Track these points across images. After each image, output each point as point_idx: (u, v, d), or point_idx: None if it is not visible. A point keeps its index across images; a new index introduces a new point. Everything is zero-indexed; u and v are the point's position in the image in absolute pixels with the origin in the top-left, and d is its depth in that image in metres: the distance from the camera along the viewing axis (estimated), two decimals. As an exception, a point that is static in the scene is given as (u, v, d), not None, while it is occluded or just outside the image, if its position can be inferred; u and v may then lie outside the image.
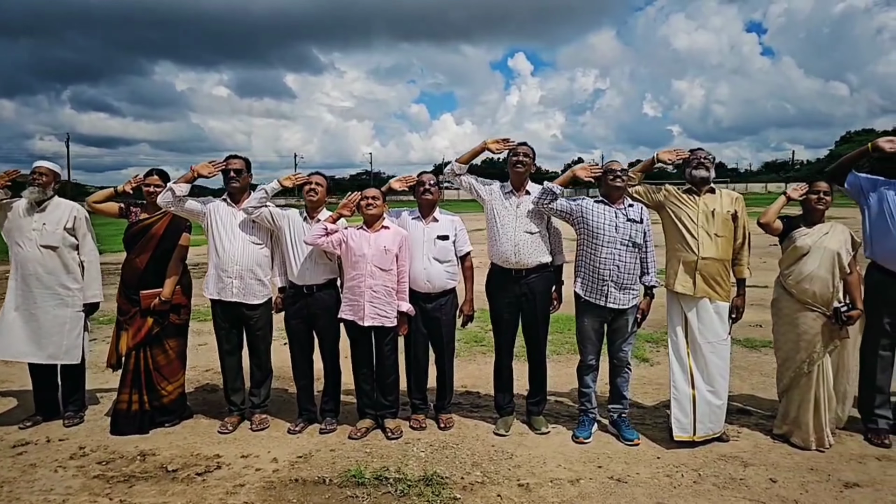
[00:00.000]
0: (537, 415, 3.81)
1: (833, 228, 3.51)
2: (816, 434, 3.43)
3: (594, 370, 3.69)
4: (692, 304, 3.50)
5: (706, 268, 3.44)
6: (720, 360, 3.50)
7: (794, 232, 3.55)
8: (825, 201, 3.49)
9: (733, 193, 3.59)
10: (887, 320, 3.52)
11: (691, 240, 3.47)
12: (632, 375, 3.77)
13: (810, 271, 3.45)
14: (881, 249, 3.50)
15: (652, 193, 3.65)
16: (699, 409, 3.47)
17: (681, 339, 3.55)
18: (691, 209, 3.51)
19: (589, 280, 3.54)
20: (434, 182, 3.77)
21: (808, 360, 3.47)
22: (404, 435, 3.71)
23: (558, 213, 3.58)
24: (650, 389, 4.59)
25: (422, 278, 3.70)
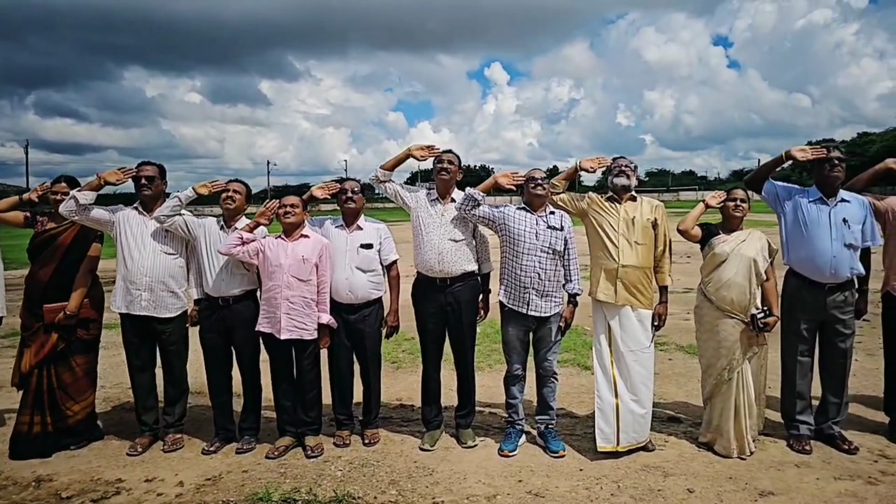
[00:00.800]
0: (465, 428, 3.72)
1: (750, 236, 3.55)
2: (738, 442, 3.43)
3: (520, 380, 3.62)
4: (614, 312, 3.48)
5: (627, 275, 3.43)
6: (643, 369, 3.48)
7: (714, 239, 3.57)
8: (742, 209, 3.53)
9: (654, 201, 3.60)
10: (804, 326, 3.56)
11: (612, 247, 3.46)
12: (573, 384, 3.72)
13: (728, 278, 3.47)
14: (796, 256, 3.54)
15: (576, 201, 3.63)
16: (622, 419, 3.43)
17: (604, 347, 3.51)
18: (612, 217, 3.50)
19: (511, 288, 3.49)
20: (357, 189, 3.67)
21: (728, 368, 3.48)
22: (325, 453, 3.57)
23: (481, 219, 3.53)
24: (587, 398, 4.54)
25: (344, 289, 3.58)
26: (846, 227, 3.41)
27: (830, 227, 3.43)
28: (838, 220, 3.43)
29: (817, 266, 3.46)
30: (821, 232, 3.45)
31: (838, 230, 3.42)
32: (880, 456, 3.42)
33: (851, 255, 3.43)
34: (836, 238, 3.42)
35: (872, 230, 3.53)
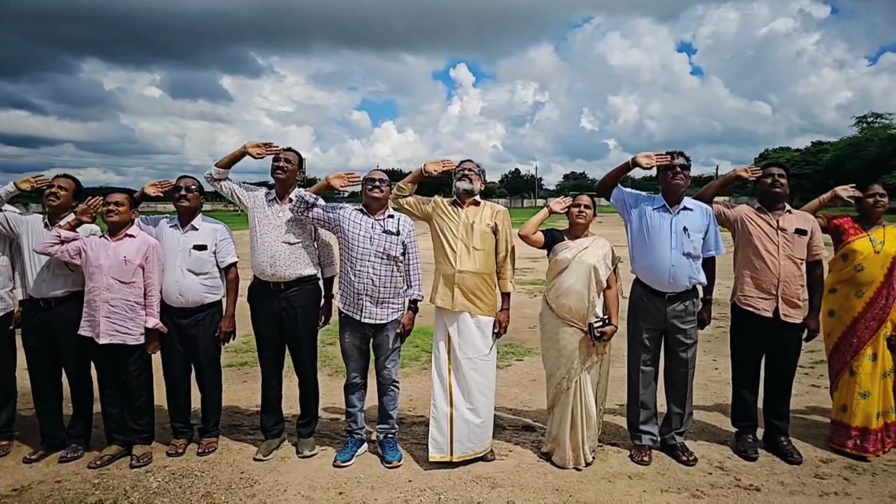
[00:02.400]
0: (305, 437, 3.59)
1: (594, 243, 3.48)
2: (574, 452, 3.37)
3: (359, 388, 3.51)
4: (453, 319, 3.38)
5: (464, 281, 3.33)
6: (481, 377, 3.39)
7: (557, 245, 3.50)
8: (585, 215, 3.45)
9: (497, 206, 3.51)
10: (646, 335, 3.51)
11: (450, 252, 3.36)
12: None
13: (568, 286, 3.39)
14: (640, 264, 3.50)
15: (422, 205, 3.52)
16: (457, 429, 3.34)
17: (442, 354, 3.42)
18: (452, 222, 3.40)
19: (346, 293, 3.37)
20: (193, 187, 3.51)
21: (567, 377, 3.41)
22: (154, 462, 3.41)
23: (316, 221, 3.40)
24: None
25: (174, 292, 3.42)
26: (686, 236, 3.37)
27: (671, 235, 3.39)
28: (679, 228, 3.39)
29: (657, 274, 3.41)
30: (661, 240, 3.40)
31: (678, 239, 3.37)
32: (717, 468, 3.39)
33: (691, 265, 3.38)
34: (675, 247, 3.37)
35: (716, 239, 3.50)
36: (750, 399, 3.64)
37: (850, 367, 3.59)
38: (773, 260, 3.44)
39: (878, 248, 3.55)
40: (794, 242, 3.45)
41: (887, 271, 3.52)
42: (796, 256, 3.45)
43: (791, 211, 3.56)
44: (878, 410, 3.52)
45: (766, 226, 3.51)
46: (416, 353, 5.81)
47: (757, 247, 3.49)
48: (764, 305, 3.47)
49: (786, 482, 3.22)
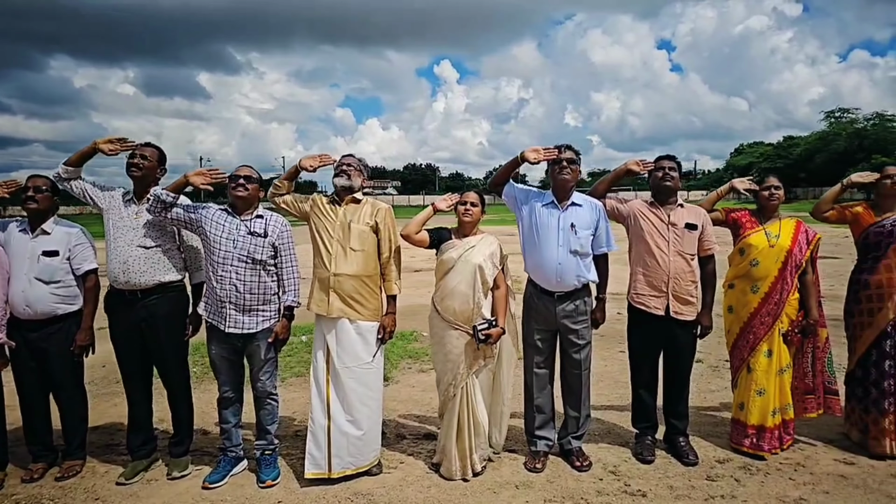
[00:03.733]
0: (177, 456, 3.32)
1: (482, 241, 3.30)
2: (461, 462, 3.19)
3: (233, 403, 3.26)
4: (331, 325, 3.16)
5: (340, 285, 3.12)
6: (362, 387, 3.18)
7: (444, 245, 3.31)
8: (471, 213, 3.28)
9: (380, 204, 3.30)
10: (538, 336, 3.36)
11: (325, 254, 3.14)
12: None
13: (453, 286, 3.21)
14: (530, 263, 3.34)
15: (299, 203, 3.29)
16: (335, 443, 3.12)
17: (320, 364, 3.19)
18: (329, 221, 3.18)
19: (210, 300, 3.12)
20: (45, 187, 3.19)
21: (453, 383, 3.23)
22: (5, 489, 3.10)
23: (176, 223, 3.13)
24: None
25: (20, 303, 3.10)
26: (573, 233, 3.22)
27: (558, 232, 3.24)
28: (566, 225, 3.24)
29: (544, 273, 3.27)
30: (549, 237, 3.25)
31: (565, 236, 3.23)
32: (610, 473, 3.26)
33: (578, 263, 3.24)
34: (562, 244, 3.23)
35: (607, 236, 3.36)
36: (648, 400, 3.53)
37: (747, 364, 3.51)
38: (663, 256, 3.33)
39: (773, 242, 3.48)
40: (684, 237, 3.35)
41: (781, 265, 3.45)
42: (686, 252, 3.34)
43: (683, 205, 3.46)
44: (773, 408, 3.45)
45: (657, 221, 3.40)
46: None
47: (648, 243, 3.37)
48: (655, 303, 3.35)
49: (675, 486, 3.12)
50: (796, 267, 3.46)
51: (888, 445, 3.38)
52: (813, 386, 3.55)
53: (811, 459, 3.41)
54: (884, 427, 3.39)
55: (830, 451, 3.53)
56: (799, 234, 3.51)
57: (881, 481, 3.15)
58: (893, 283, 3.41)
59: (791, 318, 3.47)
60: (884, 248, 3.46)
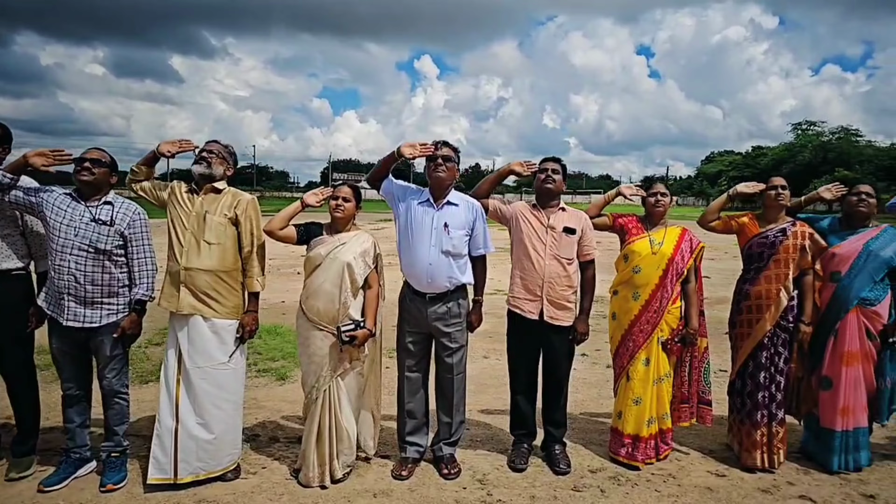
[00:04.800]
0: (19, 456, 3.11)
1: (355, 238, 3.16)
2: (320, 468, 3.06)
3: (78, 401, 3.06)
4: (182, 323, 2.99)
5: (192, 280, 2.94)
6: (215, 388, 3.02)
7: (314, 241, 3.16)
8: (343, 208, 3.13)
9: (242, 195, 3.13)
10: (409, 339, 3.25)
11: (177, 246, 2.97)
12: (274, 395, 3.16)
13: (318, 285, 3.07)
14: (404, 262, 3.22)
15: (157, 191, 3.10)
16: (183, 446, 2.95)
17: (171, 363, 3.02)
18: (184, 210, 3.01)
19: (50, 291, 2.92)
20: None
21: (316, 385, 3.10)
22: None
23: (16, 206, 2.92)
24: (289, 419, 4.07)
25: None
26: (446, 233, 3.11)
27: (431, 231, 3.12)
28: (440, 224, 3.13)
29: (416, 273, 3.15)
30: (422, 237, 3.13)
31: (438, 235, 3.11)
32: (477, 481, 3.16)
33: (451, 263, 3.12)
34: (434, 244, 3.11)
35: (485, 237, 3.26)
36: (525, 406, 3.45)
37: (626, 372, 3.45)
38: (539, 259, 3.25)
39: (656, 250, 3.42)
40: (562, 241, 3.26)
41: (662, 273, 3.39)
42: (563, 256, 3.26)
43: (565, 208, 3.37)
44: (649, 417, 3.40)
45: (537, 224, 3.31)
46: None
47: (526, 245, 3.28)
48: (530, 307, 3.27)
49: (538, 496, 3.03)
50: (678, 275, 3.41)
51: (759, 458, 3.35)
52: (688, 395, 3.51)
53: (684, 470, 3.37)
54: (755, 439, 3.37)
55: (707, 462, 3.49)
56: (682, 241, 3.46)
57: (745, 495, 3.12)
58: (772, 294, 3.38)
59: (672, 327, 3.43)
60: (766, 259, 3.43)
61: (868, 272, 3.35)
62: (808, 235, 3.41)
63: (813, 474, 3.35)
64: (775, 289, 3.38)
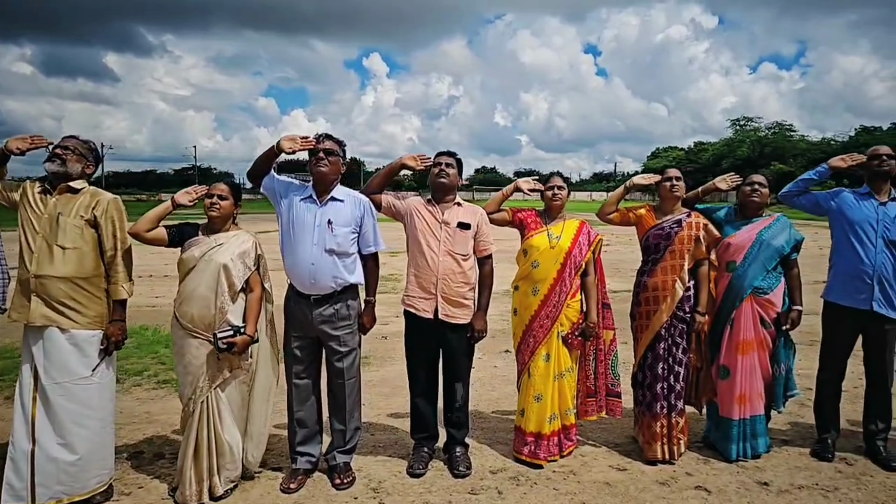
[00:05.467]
0: None
1: (234, 238, 2.97)
2: (198, 486, 2.85)
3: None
4: (37, 336, 2.73)
5: (45, 288, 2.69)
6: (77, 405, 2.76)
7: (189, 241, 2.95)
8: (219, 206, 2.94)
9: (103, 194, 2.86)
10: (296, 344, 3.07)
11: (27, 252, 2.71)
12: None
13: (192, 289, 2.87)
14: (286, 263, 3.03)
15: (8, 192, 2.83)
16: (41, 470, 2.69)
17: (27, 380, 2.75)
18: (35, 213, 2.75)
19: None
20: None
21: (192, 397, 2.89)
22: None
23: None
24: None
25: None
26: (329, 231, 2.96)
27: (313, 229, 2.96)
28: (323, 221, 2.97)
29: (298, 274, 2.98)
30: (304, 235, 2.97)
31: (321, 233, 2.95)
32: (371, 490, 3.02)
33: (336, 263, 2.97)
34: (316, 242, 2.95)
35: (374, 234, 3.13)
36: (425, 409, 3.33)
37: (528, 369, 3.38)
38: (433, 256, 3.14)
39: (554, 244, 3.36)
40: (456, 237, 3.16)
41: (560, 267, 3.33)
42: (457, 252, 3.16)
43: (461, 203, 3.28)
44: (551, 414, 3.33)
45: (431, 219, 3.19)
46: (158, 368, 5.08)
47: (420, 242, 3.17)
48: (424, 305, 3.15)
49: (432, 501, 2.92)
50: (576, 268, 3.36)
51: (660, 450, 3.34)
52: (595, 388, 3.47)
53: (586, 466, 3.33)
54: (656, 431, 3.35)
55: (611, 456, 3.46)
56: (580, 235, 3.41)
57: (643, 488, 3.09)
58: (668, 285, 3.37)
59: (572, 321, 3.37)
60: (662, 251, 3.42)
61: (761, 261, 3.38)
62: (703, 226, 3.42)
63: (712, 464, 3.37)
64: (671, 280, 3.37)
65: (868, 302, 3.30)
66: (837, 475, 3.24)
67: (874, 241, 3.31)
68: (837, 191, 3.52)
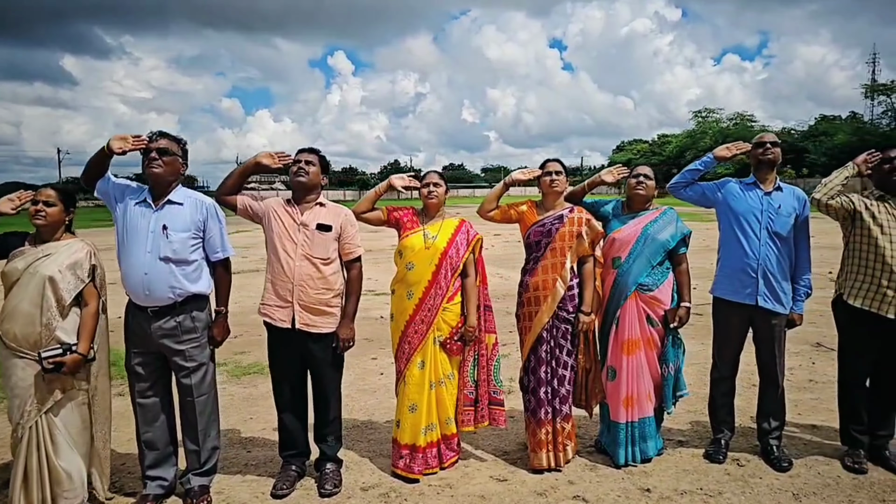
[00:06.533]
0: None
1: (65, 248, 2.71)
2: (24, 517, 2.62)
3: None
4: None
5: None
6: None
7: (12, 253, 2.71)
8: (44, 214, 2.68)
9: None
10: (137, 361, 2.84)
11: None
12: None
13: (14, 305, 2.63)
14: (122, 272, 2.78)
15: None
16: None
17: None
18: None
19: None
20: None
21: (21, 422, 2.65)
22: None
23: None
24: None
25: None
26: (164, 236, 2.73)
27: (147, 235, 2.73)
28: (158, 226, 2.74)
29: (132, 284, 2.75)
30: (137, 242, 2.74)
31: (155, 239, 2.73)
32: None
33: (172, 271, 2.74)
34: (150, 249, 2.72)
35: (222, 238, 2.90)
36: (292, 424, 3.12)
37: (404, 377, 3.20)
38: (288, 260, 2.93)
39: (429, 244, 3.18)
40: (315, 239, 2.96)
41: (435, 268, 3.15)
42: (315, 256, 2.95)
43: (324, 203, 3.07)
44: (426, 424, 3.16)
45: (289, 221, 2.99)
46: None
47: (276, 246, 2.96)
48: (280, 315, 2.95)
49: (284, 526, 2.72)
50: (452, 269, 3.18)
51: (545, 458, 3.18)
52: (476, 397, 3.29)
53: (467, 478, 3.15)
54: (541, 438, 3.19)
55: (496, 465, 3.30)
56: (458, 234, 3.23)
57: (519, 500, 2.93)
58: (549, 284, 3.21)
59: (451, 326, 3.19)
60: (543, 248, 3.26)
61: (646, 256, 3.24)
62: (586, 221, 3.26)
63: (599, 470, 3.22)
64: (552, 279, 3.21)
65: (753, 297, 3.18)
66: (725, 478, 3.11)
67: (758, 233, 3.18)
68: (724, 181, 3.39)
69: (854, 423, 3.26)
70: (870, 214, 3.06)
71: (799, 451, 3.43)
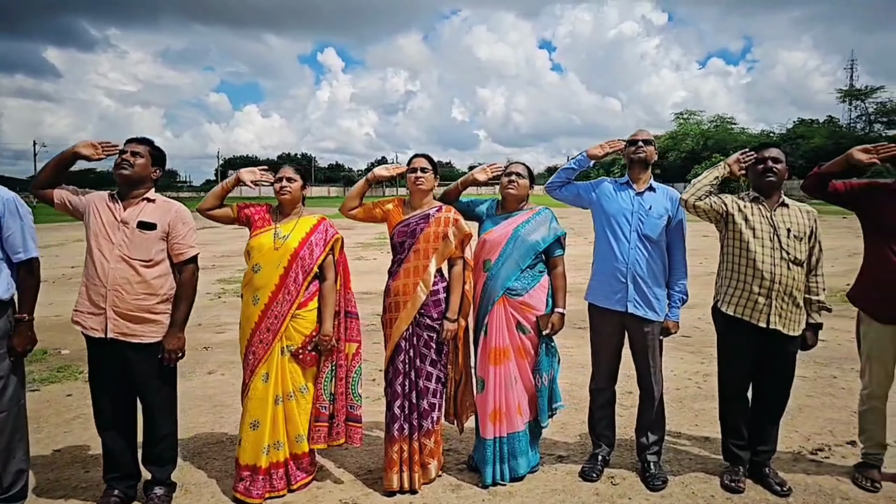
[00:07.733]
0: None
1: None
2: None
3: None
4: None
5: None
6: None
7: None
8: None
9: None
10: None
11: None
12: None
13: None
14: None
15: None
16: None
17: None
18: None
19: None
20: None
21: None
22: None
23: None
24: None
25: None
26: None
27: None
28: None
29: None
30: None
31: None
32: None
33: None
34: None
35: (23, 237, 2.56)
36: (115, 444, 2.79)
37: (248, 391, 2.91)
38: (102, 262, 2.63)
39: (279, 244, 2.90)
40: (135, 239, 2.65)
41: (284, 271, 2.87)
42: (135, 257, 2.64)
43: (154, 199, 2.76)
44: (269, 443, 2.87)
45: (108, 218, 2.68)
46: None
47: (91, 246, 2.66)
48: (92, 323, 2.64)
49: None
50: (305, 272, 2.90)
51: (396, 479, 2.91)
52: (331, 412, 3.01)
53: (314, 501, 2.87)
54: (392, 457, 2.92)
55: (352, 487, 3.02)
56: (314, 233, 2.96)
57: (361, 526, 2.66)
58: (409, 289, 2.96)
59: (304, 334, 2.92)
60: (406, 250, 3.01)
61: (515, 259, 3.02)
62: (453, 222, 3.02)
63: (461, 491, 2.97)
64: (412, 283, 2.96)
65: (623, 302, 2.98)
66: (593, 499, 2.90)
67: (628, 236, 2.99)
68: (599, 181, 3.20)
69: (734, 438, 3.07)
70: (742, 217, 2.89)
71: (682, 466, 3.24)
